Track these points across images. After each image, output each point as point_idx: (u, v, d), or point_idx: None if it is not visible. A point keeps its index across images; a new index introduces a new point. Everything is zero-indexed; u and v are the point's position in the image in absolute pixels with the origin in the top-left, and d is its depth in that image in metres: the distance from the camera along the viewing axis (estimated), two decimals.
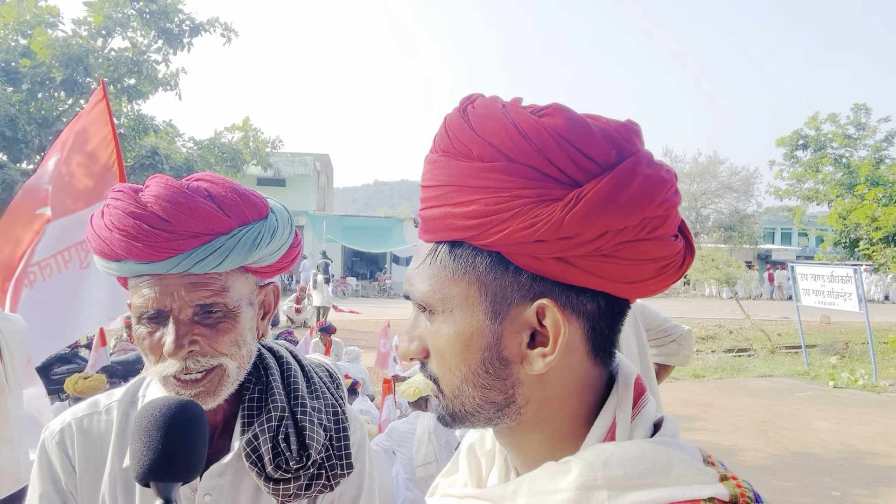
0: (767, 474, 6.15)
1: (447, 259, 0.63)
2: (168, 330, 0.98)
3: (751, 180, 31.38)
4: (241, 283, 1.04)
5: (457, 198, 0.60)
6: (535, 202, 0.57)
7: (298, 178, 28.22)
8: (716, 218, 32.78)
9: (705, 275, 18.39)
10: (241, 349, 1.03)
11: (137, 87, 8.16)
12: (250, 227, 1.01)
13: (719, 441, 7.23)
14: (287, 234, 1.08)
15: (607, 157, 0.58)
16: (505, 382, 0.63)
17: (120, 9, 7.78)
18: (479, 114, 0.61)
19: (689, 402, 9.19)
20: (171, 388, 1.00)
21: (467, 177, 0.59)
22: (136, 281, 1.00)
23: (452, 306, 0.63)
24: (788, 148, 16.87)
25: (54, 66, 6.88)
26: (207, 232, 0.97)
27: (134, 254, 0.95)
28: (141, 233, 0.94)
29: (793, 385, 10.45)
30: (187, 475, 0.86)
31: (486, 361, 0.62)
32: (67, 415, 1.12)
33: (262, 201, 1.05)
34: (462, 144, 0.60)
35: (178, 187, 0.98)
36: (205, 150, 9.25)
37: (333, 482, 1.09)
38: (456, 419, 0.66)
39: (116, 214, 0.96)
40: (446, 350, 0.64)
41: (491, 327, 0.61)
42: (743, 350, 13.91)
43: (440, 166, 0.62)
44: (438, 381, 0.66)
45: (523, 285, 0.60)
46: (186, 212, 0.95)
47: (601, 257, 0.58)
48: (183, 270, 0.97)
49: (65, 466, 1.08)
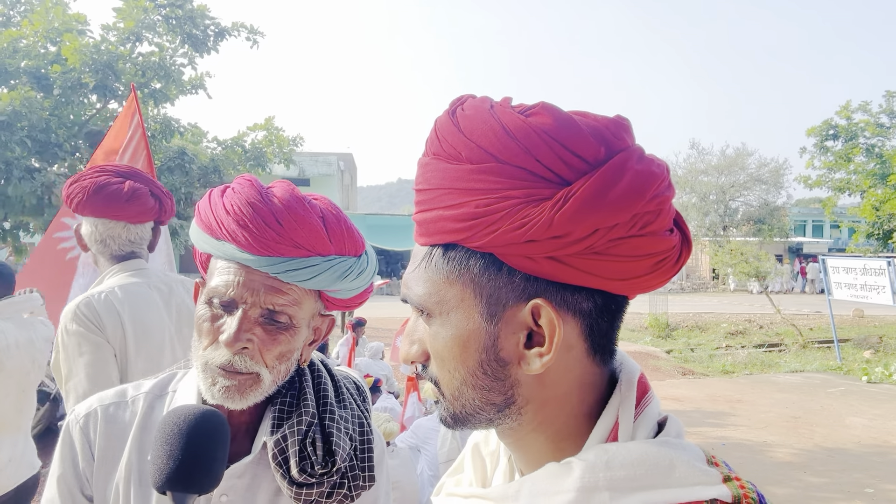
0: (798, 471, 6.05)
1: (441, 262, 0.63)
2: (233, 320, 1.00)
3: (780, 172, 30.73)
4: (309, 304, 1.07)
5: (448, 200, 0.60)
6: (524, 202, 0.57)
7: (322, 178, 28.43)
8: (745, 211, 32.17)
9: (734, 269, 18.09)
10: (282, 364, 1.06)
11: (164, 91, 8.28)
12: (345, 260, 1.06)
13: (749, 437, 7.13)
14: (369, 279, 1.12)
15: (596, 154, 0.57)
16: (503, 383, 0.62)
17: (147, 15, 7.92)
18: (468, 115, 0.61)
19: (717, 399, 9.08)
20: (211, 375, 1.02)
21: (457, 179, 0.60)
22: (224, 265, 1.02)
23: (448, 309, 0.63)
24: (819, 138, 16.51)
25: (85, 71, 7.02)
26: (309, 247, 1.01)
27: (238, 240, 0.99)
28: (253, 223, 0.98)
29: (825, 380, 10.25)
30: (204, 488, 0.88)
31: (483, 363, 0.62)
32: (94, 400, 1.14)
33: (361, 241, 1.10)
34: (451, 147, 0.61)
35: (300, 198, 1.03)
36: (228, 151, 9.36)
37: (354, 493, 1.10)
38: (457, 421, 0.66)
39: (238, 199, 1.00)
40: (444, 353, 0.64)
41: (487, 329, 0.61)
42: (773, 345, 13.70)
43: (431, 169, 0.62)
44: (439, 383, 0.66)
45: (517, 286, 0.60)
46: (300, 222, 1.00)
47: (593, 255, 0.58)
48: (272, 272, 1.00)
49: (85, 451, 1.10)
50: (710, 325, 16.69)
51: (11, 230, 7.30)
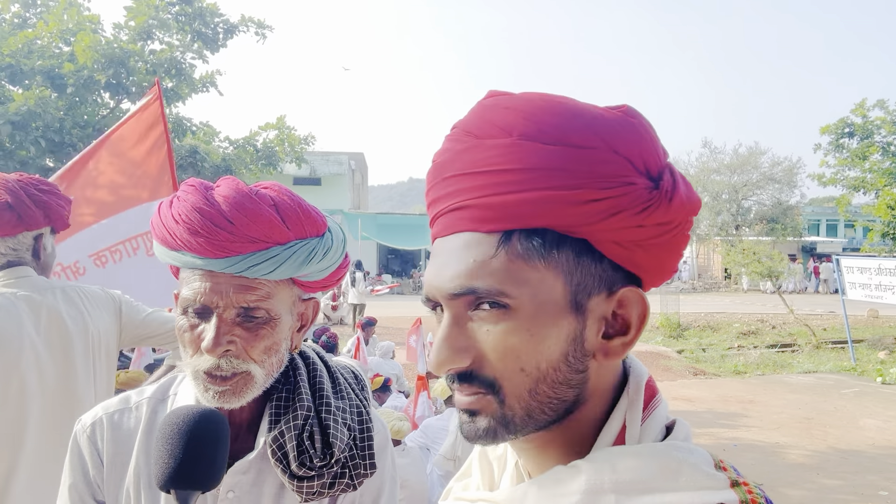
0: (811, 472, 6.00)
1: (525, 248, 0.59)
2: (210, 326, 1.00)
3: (794, 171, 30.48)
4: (285, 294, 1.06)
5: (554, 181, 0.58)
6: (641, 189, 0.59)
7: (333, 177, 28.52)
8: (758, 210, 31.94)
9: (746, 269, 17.96)
10: (271, 357, 1.06)
11: (176, 90, 8.33)
12: (307, 242, 1.04)
13: (761, 438, 7.07)
14: (339, 255, 1.11)
15: (664, 158, 0.63)
16: (581, 376, 0.62)
17: (158, 13, 7.97)
18: (565, 104, 0.62)
19: (729, 399, 9.02)
20: (201, 382, 1.03)
21: (570, 160, 0.58)
22: (189, 274, 1.03)
23: (536, 298, 0.59)
24: (834, 136, 16.33)
25: (96, 69, 7.08)
26: (266, 239, 1.00)
27: (193, 247, 0.99)
28: (204, 228, 0.98)
29: (838, 381, 10.16)
30: (206, 484, 0.89)
31: (568, 355, 0.60)
32: (99, 409, 1.16)
33: (321, 219, 1.09)
34: (557, 129, 0.59)
35: (246, 192, 1.01)
36: (240, 150, 9.40)
37: (356, 481, 1.11)
38: (510, 428, 0.61)
39: (185, 207, 1.00)
40: (524, 347, 0.59)
41: (575, 318, 0.60)
42: (786, 345, 13.59)
43: (524, 150, 0.59)
44: (502, 386, 0.60)
45: (604, 273, 0.61)
46: (250, 216, 0.99)
47: (668, 245, 0.63)
48: (236, 272, 1.00)
49: (94, 459, 1.12)
50: (722, 325, 16.58)
51: None
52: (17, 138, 6.37)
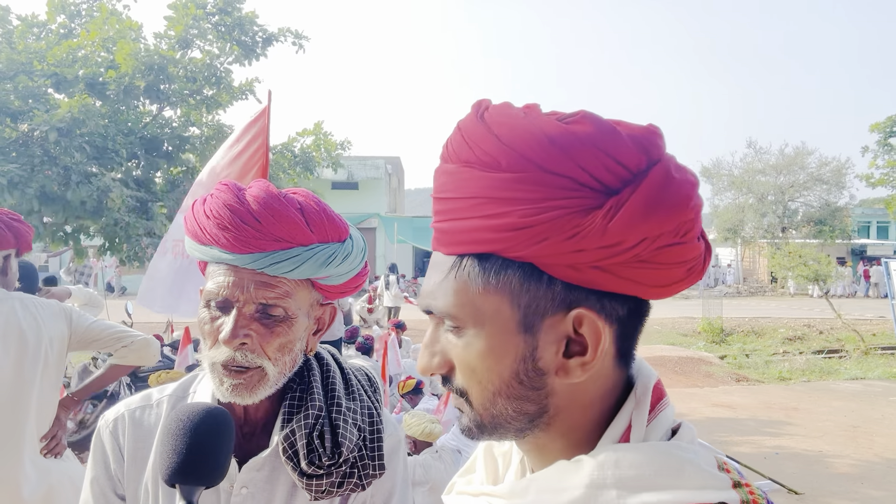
0: (856, 482, 5.79)
1: (475, 272, 0.61)
2: (229, 319, 1.04)
3: (842, 171, 29.55)
4: (304, 295, 1.10)
5: (487, 210, 0.59)
6: (572, 212, 0.56)
7: (370, 181, 28.79)
8: (805, 212, 31.09)
9: (792, 272, 17.48)
10: (285, 355, 1.09)
11: (216, 97, 8.52)
12: (328, 246, 1.08)
13: (804, 447, 6.86)
14: (358, 262, 1.14)
15: (638, 163, 0.57)
16: (539, 393, 0.62)
17: (197, 23, 8.17)
18: (503, 123, 0.59)
19: (772, 406, 8.78)
20: (217, 375, 1.07)
21: (496, 188, 0.58)
22: (215, 268, 1.08)
23: (483, 320, 0.61)
24: (883, 134, 15.77)
25: (136, 75, 7.30)
26: (289, 239, 1.04)
27: (221, 242, 1.04)
28: (232, 224, 1.03)
29: (887, 388, 9.80)
30: (210, 480, 0.92)
31: (519, 373, 0.61)
32: (122, 406, 1.21)
33: (344, 226, 1.13)
34: (487, 154, 0.59)
35: (275, 194, 1.06)
36: (278, 155, 9.57)
37: (365, 482, 1.13)
38: (484, 430, 0.65)
39: (216, 204, 1.05)
40: (477, 364, 0.62)
41: (525, 339, 0.61)
42: (833, 351, 13.19)
43: (460, 177, 0.61)
44: (468, 394, 0.64)
45: (557, 295, 0.59)
46: (277, 216, 1.03)
47: (639, 263, 0.58)
48: (258, 268, 1.04)
49: (115, 454, 1.16)
50: (766, 331, 16.16)
51: (72, 233, 7.64)
52: (62, 145, 6.60)
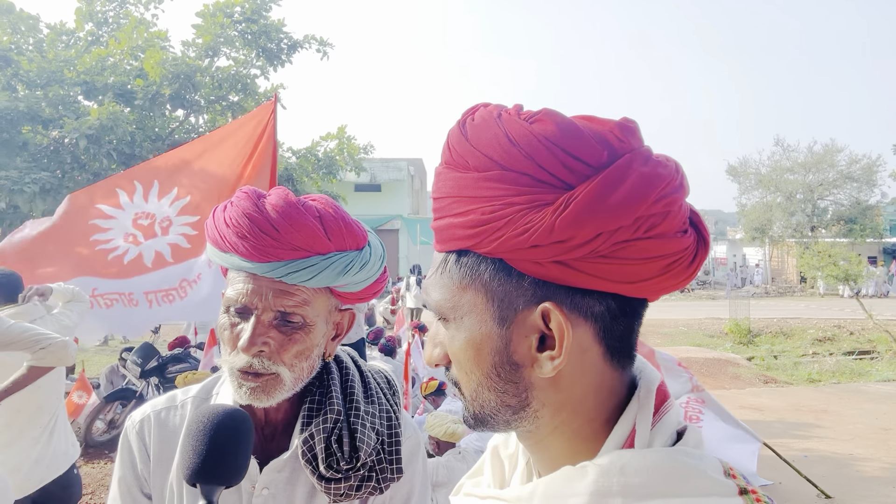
0: (887, 486, 5.66)
1: (454, 268, 0.64)
2: (247, 326, 1.06)
3: (873, 168, 28.91)
4: (322, 302, 1.11)
5: (457, 208, 0.62)
6: (527, 208, 0.58)
7: (393, 183, 28.91)
8: (835, 210, 30.47)
9: (822, 272, 17.14)
10: (302, 362, 1.10)
11: (241, 103, 8.64)
12: (345, 255, 1.09)
13: (834, 449, 6.73)
14: (376, 269, 1.15)
15: (599, 158, 0.57)
16: (517, 386, 0.63)
17: (224, 31, 8.30)
18: (475, 125, 0.62)
19: (801, 408, 8.62)
20: (236, 379, 1.08)
21: (465, 187, 0.61)
22: (234, 275, 1.09)
23: (463, 314, 0.64)
24: None
25: (164, 84, 7.43)
26: (307, 248, 1.05)
27: (240, 250, 1.05)
28: (251, 233, 1.04)
29: None
30: (229, 480, 0.94)
31: (497, 366, 0.63)
32: (148, 407, 1.23)
33: (363, 233, 1.14)
34: (459, 156, 0.62)
35: (294, 202, 1.07)
36: (302, 159, 9.67)
37: (383, 485, 1.14)
38: (478, 421, 0.67)
39: (236, 212, 1.07)
40: (461, 356, 0.65)
41: (500, 332, 0.62)
42: (864, 352, 12.91)
43: (443, 178, 0.64)
44: (459, 385, 0.68)
45: (527, 290, 0.61)
46: (295, 225, 1.04)
47: (599, 258, 0.58)
48: (276, 276, 1.05)
49: (141, 454, 1.18)
50: (795, 331, 15.85)
51: None
52: (91, 151, 6.75)
